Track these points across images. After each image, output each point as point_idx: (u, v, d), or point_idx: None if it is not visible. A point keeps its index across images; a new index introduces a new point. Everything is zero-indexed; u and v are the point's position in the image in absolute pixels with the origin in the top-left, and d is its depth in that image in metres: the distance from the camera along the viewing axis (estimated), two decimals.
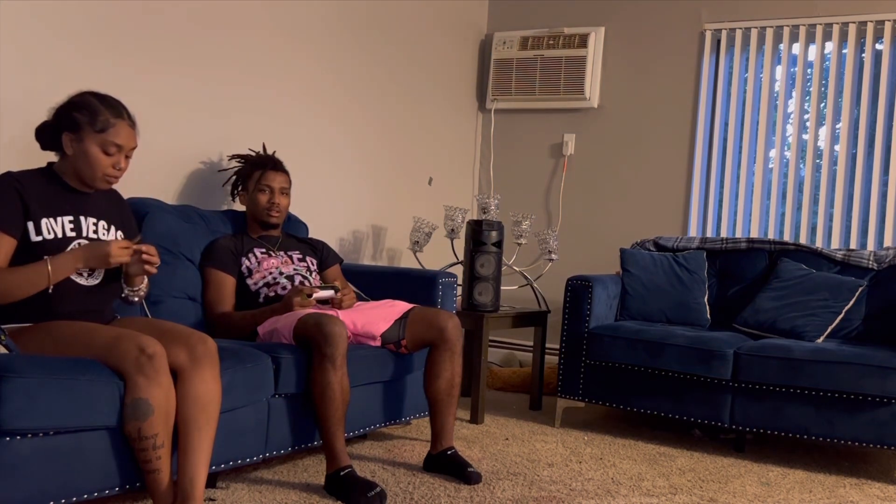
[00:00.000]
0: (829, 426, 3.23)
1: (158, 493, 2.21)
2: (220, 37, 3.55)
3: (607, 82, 4.85)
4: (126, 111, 2.44)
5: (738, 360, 3.37)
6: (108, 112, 2.38)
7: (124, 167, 2.43)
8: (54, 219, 2.37)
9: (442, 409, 3.02)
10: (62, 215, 2.39)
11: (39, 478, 2.05)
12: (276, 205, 3.26)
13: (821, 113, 4.41)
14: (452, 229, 4.26)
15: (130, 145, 2.43)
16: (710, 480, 3.08)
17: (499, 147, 5.15)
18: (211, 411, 2.28)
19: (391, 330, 3.07)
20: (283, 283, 3.14)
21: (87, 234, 2.43)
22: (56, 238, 2.35)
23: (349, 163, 4.31)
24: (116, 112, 2.40)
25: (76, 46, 3.03)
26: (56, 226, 2.37)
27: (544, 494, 2.81)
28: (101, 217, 2.49)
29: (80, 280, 2.38)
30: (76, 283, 2.37)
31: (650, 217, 4.70)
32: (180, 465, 2.24)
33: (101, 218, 2.49)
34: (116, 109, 2.41)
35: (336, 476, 2.69)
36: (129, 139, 2.42)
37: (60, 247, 2.35)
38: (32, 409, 2.00)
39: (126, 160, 2.43)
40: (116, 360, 2.16)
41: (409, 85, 4.65)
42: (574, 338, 3.74)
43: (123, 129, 2.40)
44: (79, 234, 2.41)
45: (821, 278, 3.73)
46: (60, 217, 2.38)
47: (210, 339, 2.35)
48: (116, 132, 2.38)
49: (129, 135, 2.42)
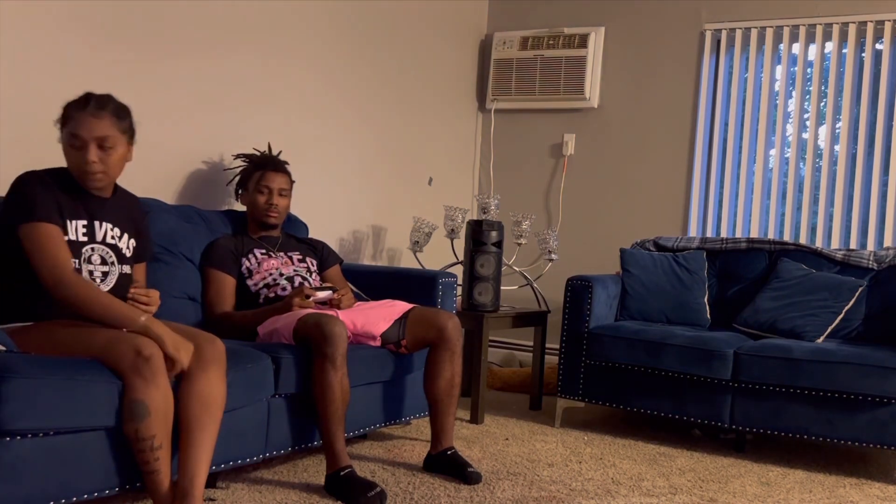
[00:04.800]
0: (829, 426, 3.23)
1: (158, 494, 2.21)
2: (220, 37, 3.55)
3: (607, 82, 4.85)
4: (95, 101, 2.34)
5: (738, 360, 3.37)
6: (73, 106, 2.34)
7: (96, 160, 2.33)
8: (70, 221, 2.36)
9: (442, 409, 3.02)
10: (77, 219, 2.38)
11: (39, 478, 2.05)
12: (275, 206, 3.26)
13: (821, 112, 4.41)
14: (452, 229, 4.26)
15: (92, 135, 2.31)
16: (710, 480, 3.08)
17: (499, 147, 5.15)
18: (215, 411, 2.28)
19: (391, 330, 3.07)
20: (283, 284, 3.14)
21: (100, 239, 2.43)
22: (69, 241, 2.34)
23: (349, 163, 4.31)
24: (80, 104, 2.34)
25: (78, 46, 3.03)
26: (71, 228, 2.36)
27: (544, 494, 2.81)
28: (116, 224, 2.48)
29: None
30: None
31: (650, 217, 4.70)
32: (181, 464, 2.24)
33: (116, 225, 2.48)
34: (82, 102, 2.34)
35: (336, 476, 2.69)
36: (90, 129, 2.31)
37: (74, 253, 2.34)
38: (32, 409, 2.00)
39: (100, 151, 2.33)
40: (114, 362, 2.16)
41: (410, 85, 4.65)
42: (574, 338, 3.74)
43: (83, 120, 2.31)
44: (91, 240, 2.40)
45: (821, 278, 3.73)
46: (75, 220, 2.38)
47: (218, 340, 2.36)
48: (76, 123, 2.32)
49: (89, 124, 2.31)
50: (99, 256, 2.42)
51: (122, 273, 2.48)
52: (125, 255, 2.51)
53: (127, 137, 2.42)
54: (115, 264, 2.46)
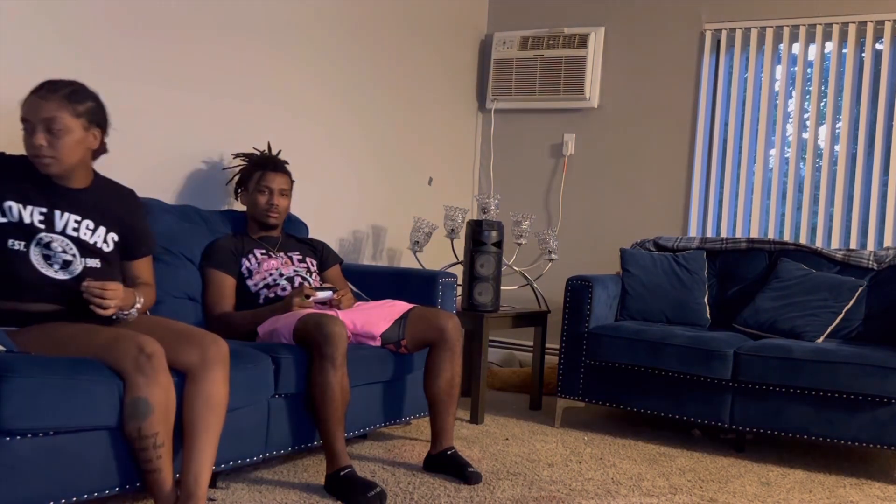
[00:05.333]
0: (829, 426, 3.23)
1: (161, 494, 2.20)
2: (221, 37, 3.55)
3: (607, 82, 4.85)
4: (47, 86, 2.31)
5: (737, 360, 3.37)
6: (29, 94, 2.31)
7: (43, 143, 2.28)
8: (23, 206, 2.32)
9: (442, 409, 3.02)
10: (34, 205, 2.33)
11: (39, 478, 2.05)
12: (275, 206, 3.26)
13: (821, 112, 4.41)
14: (452, 229, 4.26)
15: (39, 116, 2.27)
16: (710, 480, 3.08)
17: (499, 147, 5.15)
18: (219, 412, 2.28)
19: (391, 330, 3.07)
20: (283, 285, 3.14)
21: (61, 229, 2.36)
22: (22, 223, 2.30)
23: (349, 163, 4.31)
24: (34, 89, 2.31)
25: (77, 46, 3.03)
26: (25, 212, 2.31)
27: (544, 494, 2.81)
28: (87, 216, 2.41)
29: (49, 272, 2.33)
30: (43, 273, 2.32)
31: (650, 217, 4.70)
32: (184, 464, 2.24)
33: (88, 217, 2.42)
34: (37, 87, 2.32)
35: (336, 476, 2.69)
36: (37, 111, 2.27)
37: (24, 235, 2.30)
38: (32, 409, 2.00)
39: (48, 135, 2.28)
40: (115, 360, 2.16)
41: (410, 85, 4.65)
42: (574, 338, 3.74)
43: (32, 103, 2.29)
44: (50, 229, 2.35)
45: (821, 278, 3.73)
46: (31, 206, 2.33)
47: (222, 340, 2.35)
48: (27, 107, 2.29)
49: (37, 107, 2.28)
50: (60, 245, 2.36)
51: (87, 267, 2.39)
52: (99, 250, 2.44)
53: (84, 122, 2.35)
54: (77, 257, 2.38)
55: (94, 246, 2.43)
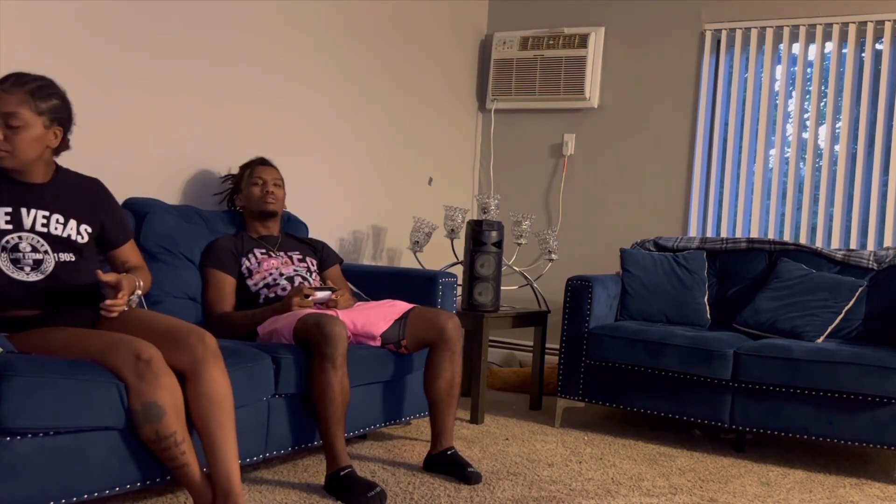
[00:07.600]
0: (829, 426, 3.23)
1: (195, 486, 2.20)
2: (221, 37, 3.55)
3: (607, 82, 4.85)
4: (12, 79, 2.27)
5: (737, 360, 3.37)
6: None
7: (1, 137, 2.23)
8: None
9: (442, 409, 3.02)
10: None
11: (39, 478, 2.05)
12: (272, 193, 3.27)
13: (821, 112, 4.41)
14: (452, 229, 4.26)
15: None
16: (710, 480, 3.08)
17: (499, 147, 5.15)
18: (227, 406, 2.27)
19: (391, 330, 3.07)
20: (283, 284, 3.14)
21: (30, 227, 2.32)
22: None
23: (349, 163, 4.31)
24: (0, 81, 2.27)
25: (77, 47, 3.03)
26: None
27: (544, 494, 2.81)
28: (56, 210, 2.37)
29: (20, 276, 2.30)
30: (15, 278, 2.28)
31: (650, 217, 4.70)
32: (211, 465, 2.22)
33: (56, 211, 2.37)
34: (3, 79, 2.26)
35: (336, 476, 2.69)
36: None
37: None
38: (32, 409, 2.00)
39: (6, 129, 2.24)
40: (114, 368, 2.15)
41: (409, 85, 4.65)
42: (574, 338, 3.74)
43: None
44: (18, 228, 2.31)
45: (821, 278, 3.73)
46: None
47: (207, 334, 2.30)
48: None
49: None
50: (29, 245, 2.32)
51: (60, 262, 2.36)
52: (73, 242, 2.40)
53: (45, 120, 2.30)
54: (50, 253, 2.35)
55: (67, 239, 2.39)
